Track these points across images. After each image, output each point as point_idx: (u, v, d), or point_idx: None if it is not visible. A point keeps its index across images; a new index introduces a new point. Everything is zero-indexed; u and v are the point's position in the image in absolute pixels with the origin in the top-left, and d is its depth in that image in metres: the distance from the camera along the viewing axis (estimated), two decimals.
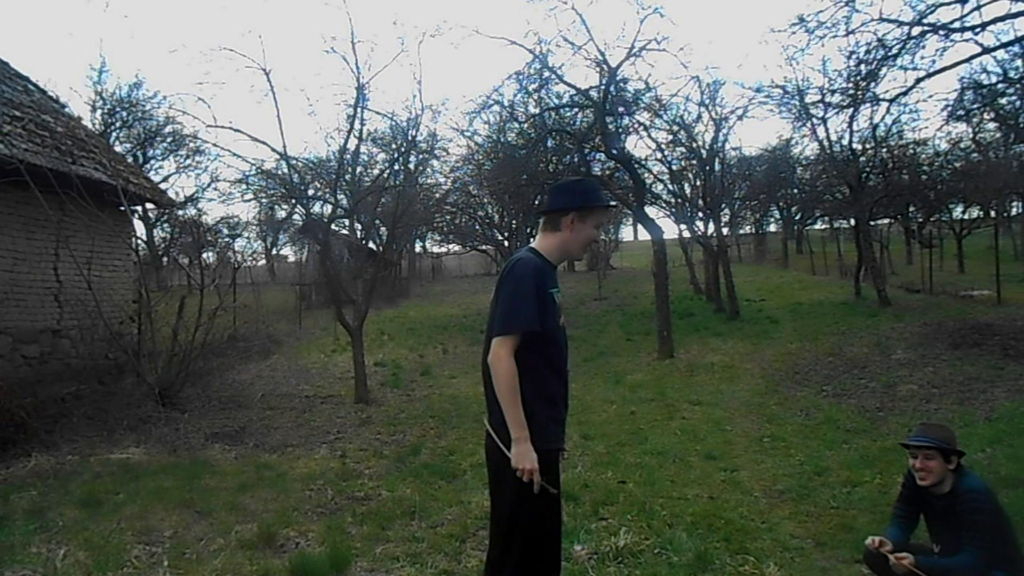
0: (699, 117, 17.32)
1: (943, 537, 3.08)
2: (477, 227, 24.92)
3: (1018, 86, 12.74)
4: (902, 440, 3.29)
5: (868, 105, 13.79)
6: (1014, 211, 29.85)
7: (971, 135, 20.56)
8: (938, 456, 2.98)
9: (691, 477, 5.42)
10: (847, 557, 3.79)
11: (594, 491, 5.00)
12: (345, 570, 3.75)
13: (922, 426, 3.23)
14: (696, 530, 4.16)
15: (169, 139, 26.28)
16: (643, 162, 18.08)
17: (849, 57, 11.25)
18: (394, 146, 16.26)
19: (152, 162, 27.39)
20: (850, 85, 12.06)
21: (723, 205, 22.20)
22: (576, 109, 15.59)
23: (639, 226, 30.33)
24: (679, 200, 20.14)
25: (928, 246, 20.41)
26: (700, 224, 19.85)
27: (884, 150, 17.84)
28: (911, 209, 23.67)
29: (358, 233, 17.93)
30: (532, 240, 2.77)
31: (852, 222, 20.17)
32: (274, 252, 37.79)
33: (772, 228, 40.90)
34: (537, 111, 15.43)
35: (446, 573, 3.68)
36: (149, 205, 15.22)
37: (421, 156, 17.68)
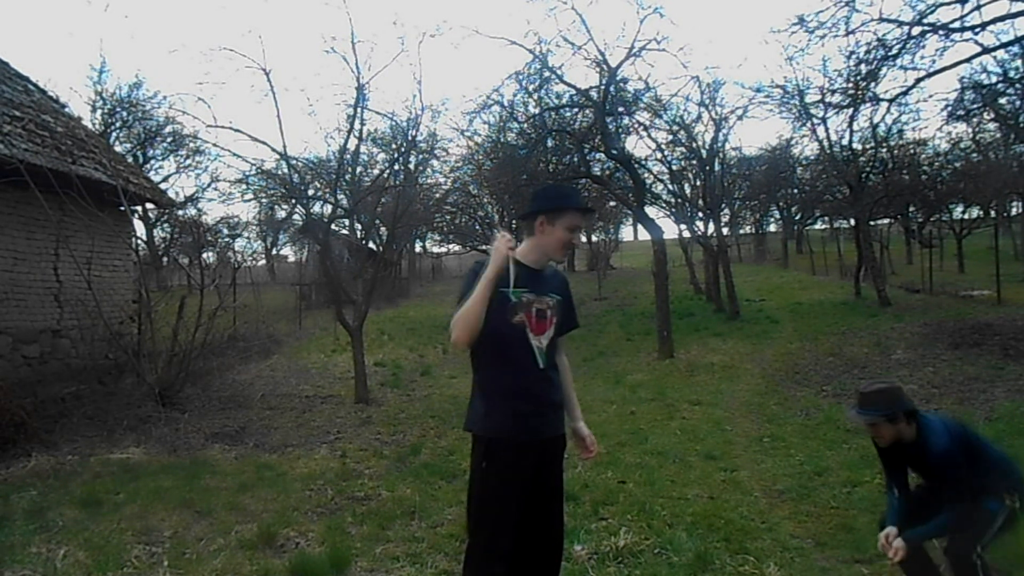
0: (699, 117, 17.37)
1: (921, 475, 3.13)
2: (477, 227, 24.93)
3: (1018, 86, 12.75)
4: (846, 414, 3.25)
5: (868, 105, 13.81)
6: (1014, 211, 29.87)
7: (971, 135, 20.60)
8: (884, 422, 2.96)
9: (691, 477, 5.42)
10: (847, 557, 3.79)
11: (594, 491, 5.00)
12: (345, 570, 3.75)
13: (861, 396, 3.07)
14: (696, 530, 4.16)
15: (169, 139, 26.30)
16: (643, 162, 18.10)
17: (849, 57, 11.28)
18: (394, 146, 16.27)
19: (152, 162, 27.42)
20: (850, 85, 12.08)
21: (723, 205, 22.21)
22: (576, 109, 15.58)
23: (639, 226, 30.36)
24: (679, 200, 20.15)
25: (928, 246, 20.42)
26: (700, 224, 19.87)
27: (884, 150, 17.86)
28: (911, 209, 23.70)
29: (358, 233, 17.93)
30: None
31: (852, 222, 20.19)
32: (274, 252, 37.83)
33: (772, 228, 40.94)
34: (537, 111, 15.43)
35: (446, 573, 3.68)
36: (149, 205, 15.21)
37: (421, 156, 17.73)
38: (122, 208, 9.12)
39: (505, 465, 2.51)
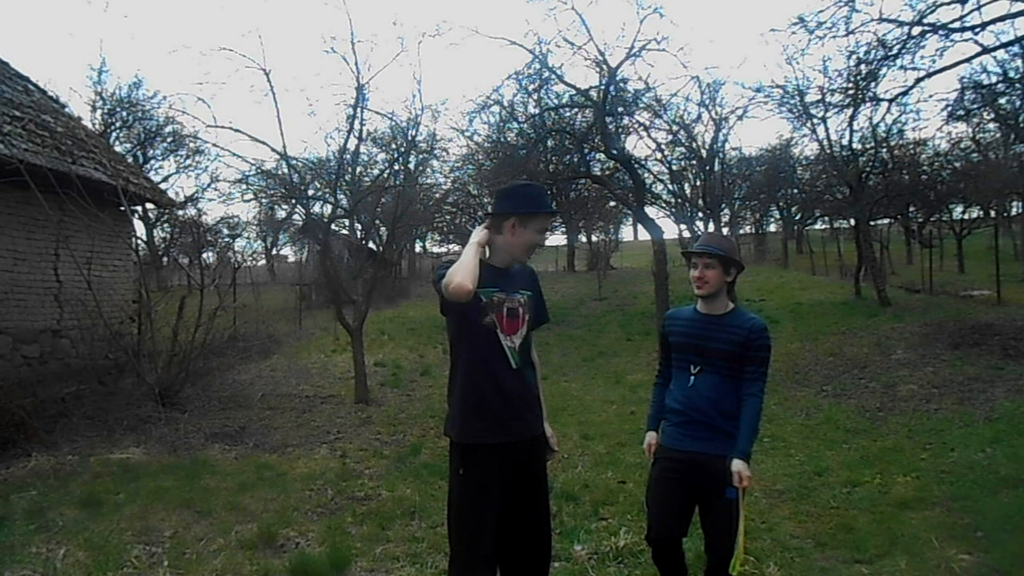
0: (699, 117, 17.41)
1: (698, 357, 2.87)
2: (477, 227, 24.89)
3: (1018, 86, 12.77)
4: (687, 250, 3.04)
5: (868, 105, 13.81)
6: (1014, 211, 29.85)
7: (971, 135, 20.61)
8: (718, 266, 2.85)
9: None
10: (847, 557, 3.80)
11: (594, 491, 5.00)
12: (345, 570, 3.75)
13: (708, 235, 3.02)
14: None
15: (169, 139, 26.26)
16: (643, 162, 18.14)
17: (849, 57, 11.33)
18: (394, 146, 16.25)
19: (152, 162, 27.39)
20: (850, 85, 12.11)
21: (723, 205, 22.24)
22: (576, 109, 15.61)
23: (639, 226, 30.37)
24: (679, 200, 20.19)
25: (928, 246, 20.40)
26: (700, 224, 19.89)
27: (884, 150, 17.84)
28: (911, 209, 23.68)
29: (358, 233, 17.95)
30: None
31: (852, 222, 20.16)
32: (274, 252, 37.76)
33: (772, 228, 40.94)
34: (537, 111, 15.44)
35: (446, 573, 3.68)
36: (149, 205, 15.21)
37: (421, 156, 17.69)
38: (122, 208, 9.12)
39: (483, 470, 2.50)
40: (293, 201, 17.77)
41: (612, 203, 25.83)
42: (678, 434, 2.87)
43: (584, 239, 36.70)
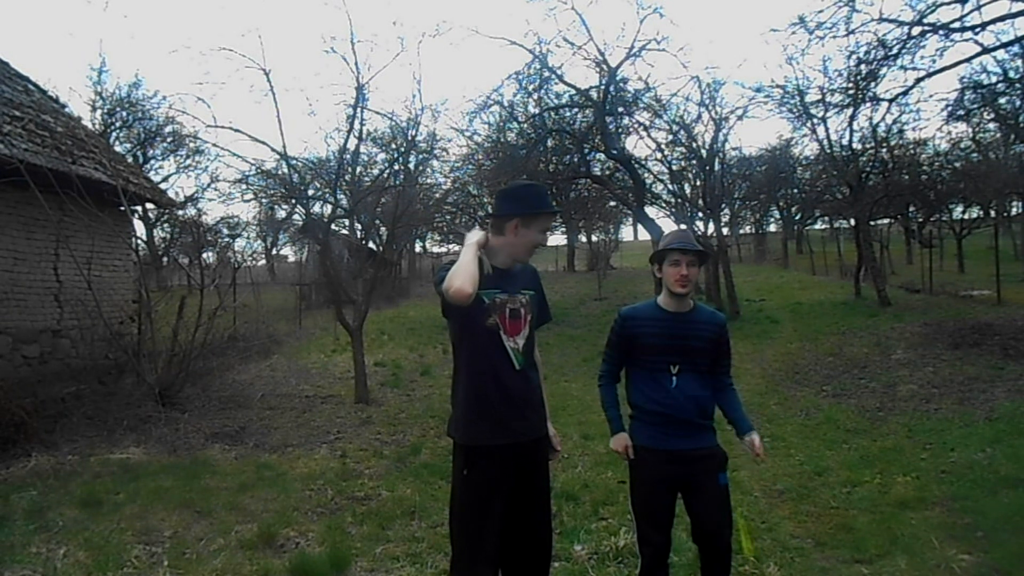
0: (699, 117, 17.38)
1: (679, 357, 2.81)
2: (477, 227, 24.87)
3: (1018, 86, 12.77)
4: (667, 246, 2.89)
5: (868, 105, 13.83)
6: (1014, 211, 29.87)
7: (971, 135, 20.62)
8: (697, 264, 2.81)
9: None
10: (847, 557, 3.80)
11: (594, 491, 5.00)
12: (345, 570, 3.75)
13: (682, 232, 2.97)
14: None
15: (169, 139, 26.29)
16: (643, 162, 18.14)
17: (849, 57, 11.34)
18: (394, 146, 16.26)
19: (152, 162, 27.41)
20: (850, 85, 12.13)
21: (723, 205, 22.21)
22: (576, 109, 15.61)
23: (639, 226, 30.35)
24: (679, 200, 20.17)
25: (928, 246, 20.40)
26: (700, 224, 19.87)
27: (884, 150, 17.85)
28: (911, 209, 23.69)
29: (358, 233, 17.91)
30: None
31: (852, 222, 20.17)
32: (274, 252, 37.77)
33: (772, 228, 40.95)
34: (537, 111, 15.44)
35: (446, 573, 3.67)
36: (149, 205, 15.20)
37: (421, 156, 17.69)
38: (122, 208, 9.11)
39: (487, 471, 2.50)
40: (293, 201, 17.77)
41: (612, 203, 25.82)
42: (661, 434, 2.78)
43: (584, 239, 36.71)
